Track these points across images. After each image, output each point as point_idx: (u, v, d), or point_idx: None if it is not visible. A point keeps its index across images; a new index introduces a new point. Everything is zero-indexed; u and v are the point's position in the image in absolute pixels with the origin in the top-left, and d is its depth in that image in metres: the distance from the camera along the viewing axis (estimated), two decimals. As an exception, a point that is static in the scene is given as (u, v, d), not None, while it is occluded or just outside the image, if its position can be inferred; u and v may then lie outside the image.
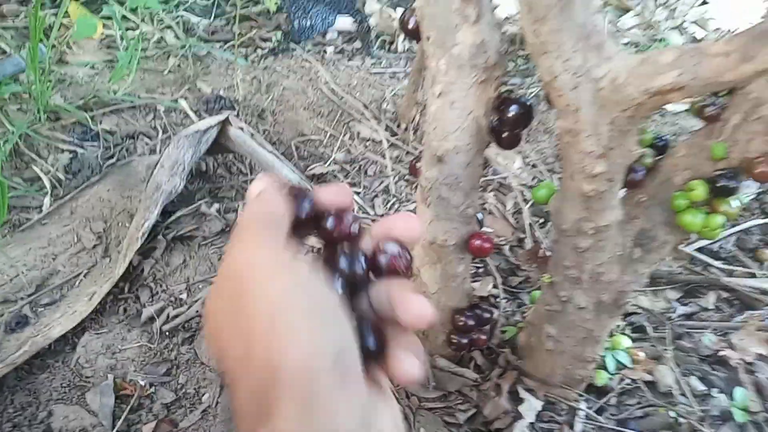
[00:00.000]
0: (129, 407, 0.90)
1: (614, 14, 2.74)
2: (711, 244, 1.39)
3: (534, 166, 1.44)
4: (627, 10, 2.76)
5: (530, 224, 1.31)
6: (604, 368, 1.00)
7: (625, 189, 0.77)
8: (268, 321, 0.28)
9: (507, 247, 1.27)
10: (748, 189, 1.66)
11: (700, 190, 0.74)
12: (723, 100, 0.73)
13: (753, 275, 1.30)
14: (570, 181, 0.71)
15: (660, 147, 0.80)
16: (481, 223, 0.84)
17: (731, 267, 1.32)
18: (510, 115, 0.71)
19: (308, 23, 1.60)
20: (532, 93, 1.69)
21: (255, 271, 0.30)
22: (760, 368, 1.07)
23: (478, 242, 0.80)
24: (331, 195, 0.37)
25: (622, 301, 0.85)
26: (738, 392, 0.99)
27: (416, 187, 0.83)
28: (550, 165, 1.46)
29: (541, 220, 1.33)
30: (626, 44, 2.21)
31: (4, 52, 1.66)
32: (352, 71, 1.75)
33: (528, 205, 1.34)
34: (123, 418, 0.88)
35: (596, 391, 0.98)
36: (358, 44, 1.91)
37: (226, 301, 0.31)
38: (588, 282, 0.81)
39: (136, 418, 0.90)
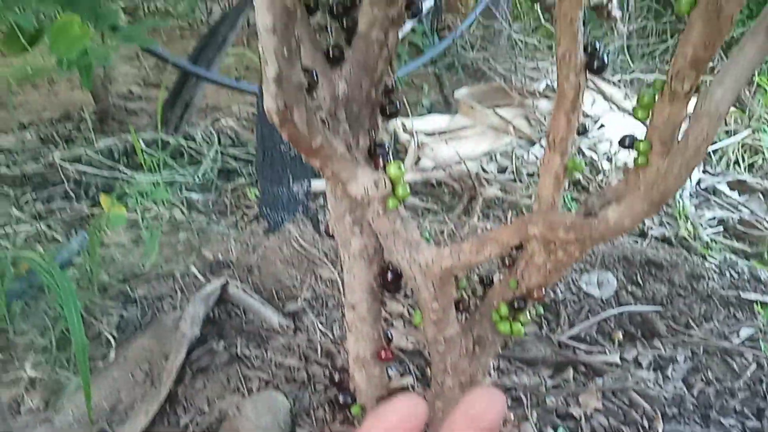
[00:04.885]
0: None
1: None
2: (579, 331, 1.95)
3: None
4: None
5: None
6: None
7: (462, 312, 1.33)
8: None
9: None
10: (610, 287, 2.24)
11: (503, 309, 1.30)
12: (515, 254, 1.31)
13: (604, 352, 1.85)
14: (424, 311, 1.28)
15: (486, 283, 1.38)
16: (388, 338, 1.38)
17: (591, 347, 1.88)
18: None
19: (278, 218, 2.24)
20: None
21: None
22: (596, 416, 1.60)
23: (383, 354, 1.35)
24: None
25: (477, 381, 1.39)
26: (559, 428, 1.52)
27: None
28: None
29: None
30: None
31: (55, 239, 2.26)
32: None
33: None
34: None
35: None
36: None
37: None
38: (451, 371, 1.36)
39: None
